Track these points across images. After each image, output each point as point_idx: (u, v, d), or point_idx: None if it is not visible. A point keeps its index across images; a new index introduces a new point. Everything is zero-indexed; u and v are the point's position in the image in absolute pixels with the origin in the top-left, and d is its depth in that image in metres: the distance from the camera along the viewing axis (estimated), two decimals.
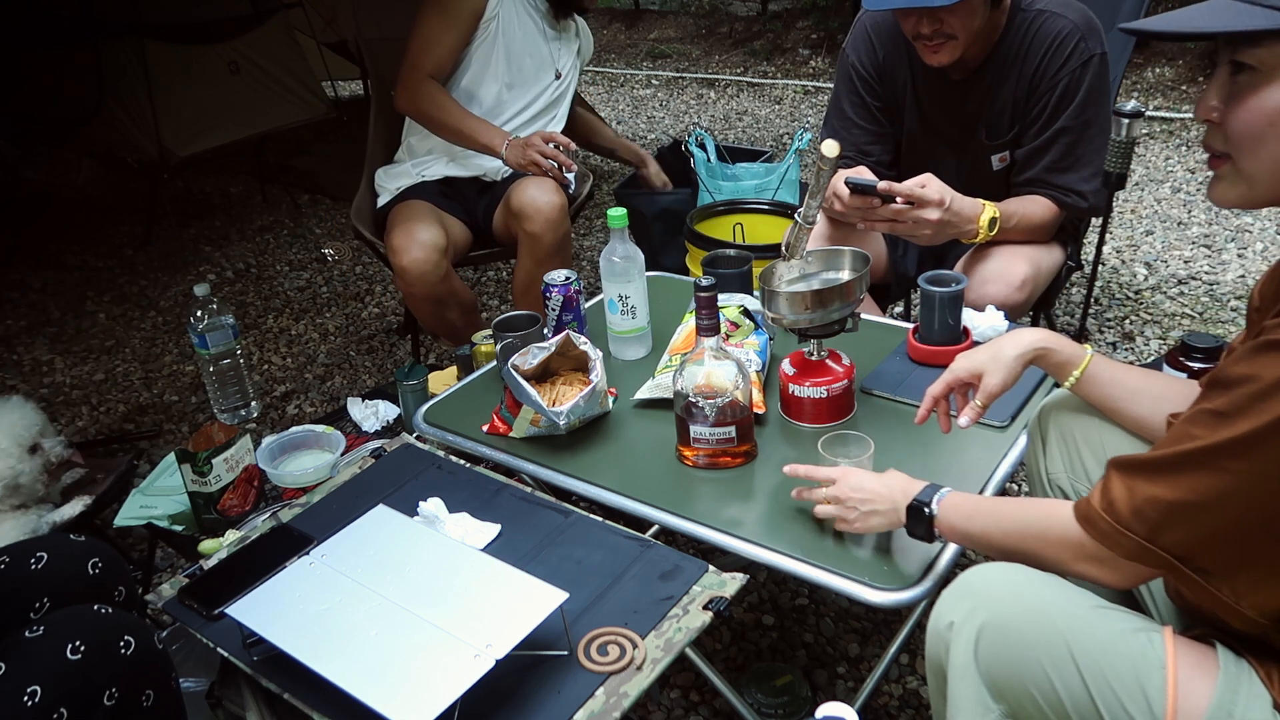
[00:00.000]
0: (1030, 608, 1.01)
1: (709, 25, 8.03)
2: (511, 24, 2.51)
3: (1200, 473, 0.89)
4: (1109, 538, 0.96)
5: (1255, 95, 0.91)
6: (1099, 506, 0.97)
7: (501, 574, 1.24)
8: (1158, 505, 0.92)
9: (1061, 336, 1.31)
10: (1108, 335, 2.86)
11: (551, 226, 2.35)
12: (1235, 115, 0.93)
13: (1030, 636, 0.99)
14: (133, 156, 4.05)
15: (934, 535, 1.19)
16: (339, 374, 3.05)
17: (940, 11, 1.74)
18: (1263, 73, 0.90)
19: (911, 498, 1.19)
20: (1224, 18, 0.90)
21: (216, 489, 1.71)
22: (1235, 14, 0.89)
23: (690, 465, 1.51)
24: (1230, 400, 0.87)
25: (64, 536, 1.32)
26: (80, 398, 3.02)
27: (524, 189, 2.37)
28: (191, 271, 3.95)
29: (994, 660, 1.01)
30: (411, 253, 2.28)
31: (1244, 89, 0.91)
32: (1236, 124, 0.93)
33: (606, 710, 1.11)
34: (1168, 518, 0.92)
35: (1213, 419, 0.88)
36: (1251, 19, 0.88)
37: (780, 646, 1.84)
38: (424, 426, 1.72)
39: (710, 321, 1.44)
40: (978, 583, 1.06)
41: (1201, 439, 0.88)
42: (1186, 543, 0.92)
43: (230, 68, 4.18)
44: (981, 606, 1.03)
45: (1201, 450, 0.88)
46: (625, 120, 5.81)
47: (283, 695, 1.19)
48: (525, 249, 2.40)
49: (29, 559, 1.24)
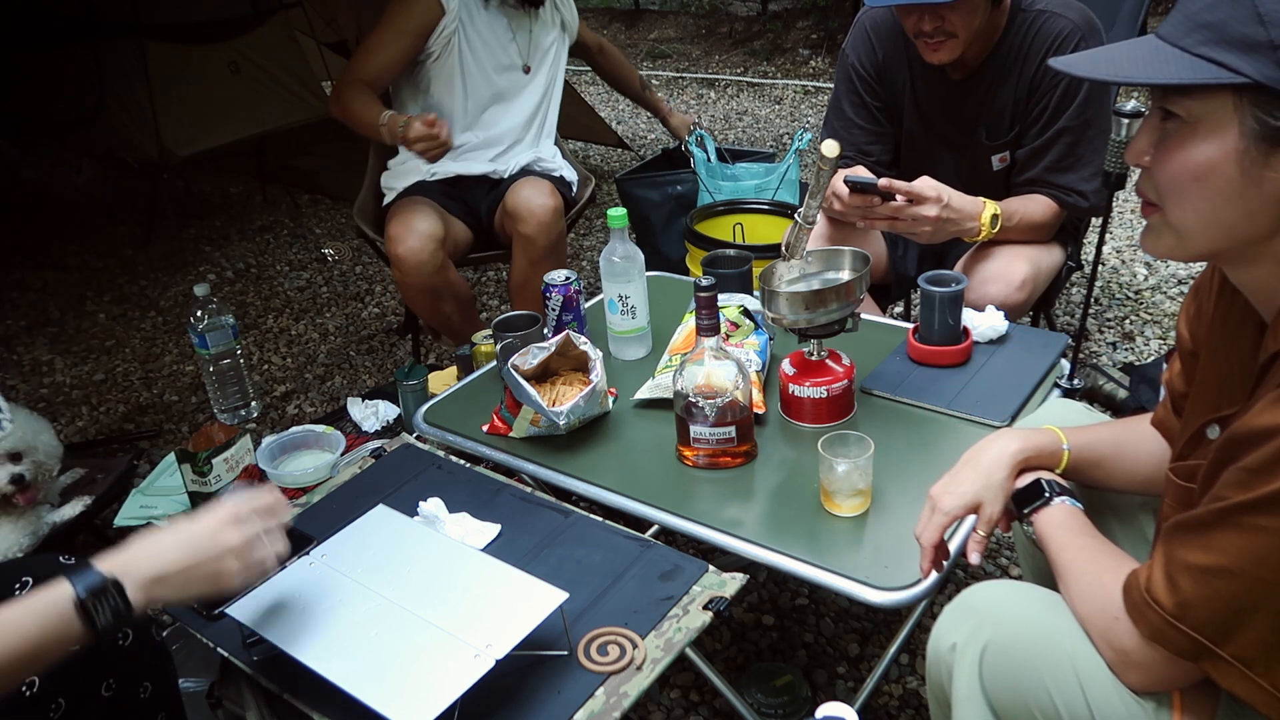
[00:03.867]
0: (1036, 627, 1.00)
1: (709, 25, 8.03)
2: (472, 34, 2.49)
3: (1234, 532, 0.82)
4: (1137, 609, 0.90)
5: (1181, 148, 0.85)
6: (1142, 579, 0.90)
7: (501, 574, 1.24)
8: (1190, 571, 0.85)
9: (1030, 432, 1.19)
10: (1108, 335, 2.86)
11: (545, 229, 2.35)
12: (1162, 165, 0.87)
13: (1036, 657, 0.98)
14: (133, 156, 4.05)
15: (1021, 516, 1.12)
16: (339, 374, 3.05)
17: (942, 9, 1.74)
18: (1190, 124, 0.84)
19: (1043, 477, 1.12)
20: (1149, 67, 0.84)
21: (216, 489, 1.71)
22: (1162, 62, 0.84)
23: (690, 465, 1.51)
24: (1261, 456, 0.81)
25: (53, 559, 1.21)
26: (80, 398, 3.02)
27: (519, 190, 2.37)
28: (191, 271, 3.95)
29: (998, 681, 0.99)
30: (407, 241, 2.29)
31: (1171, 138, 0.86)
32: (1163, 174, 0.88)
33: (606, 710, 1.11)
34: (1199, 586, 0.85)
35: (1244, 475, 0.82)
36: (1178, 70, 0.82)
37: (780, 646, 1.84)
38: (424, 426, 1.72)
39: (710, 321, 1.44)
40: (979, 603, 1.05)
41: (1232, 497, 0.83)
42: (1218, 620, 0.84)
43: (230, 68, 4.18)
44: (985, 626, 1.01)
45: (1234, 508, 0.82)
46: (625, 120, 5.81)
47: (283, 695, 1.19)
48: (520, 249, 2.41)
49: (14, 583, 1.16)
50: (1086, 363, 2.61)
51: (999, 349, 1.73)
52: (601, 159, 5.04)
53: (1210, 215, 0.86)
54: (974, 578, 1.95)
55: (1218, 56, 0.81)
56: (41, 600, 0.94)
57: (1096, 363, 2.61)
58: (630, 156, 4.90)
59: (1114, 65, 0.88)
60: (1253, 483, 0.81)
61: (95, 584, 0.96)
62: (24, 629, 0.92)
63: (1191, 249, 0.90)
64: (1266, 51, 0.79)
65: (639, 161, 3.89)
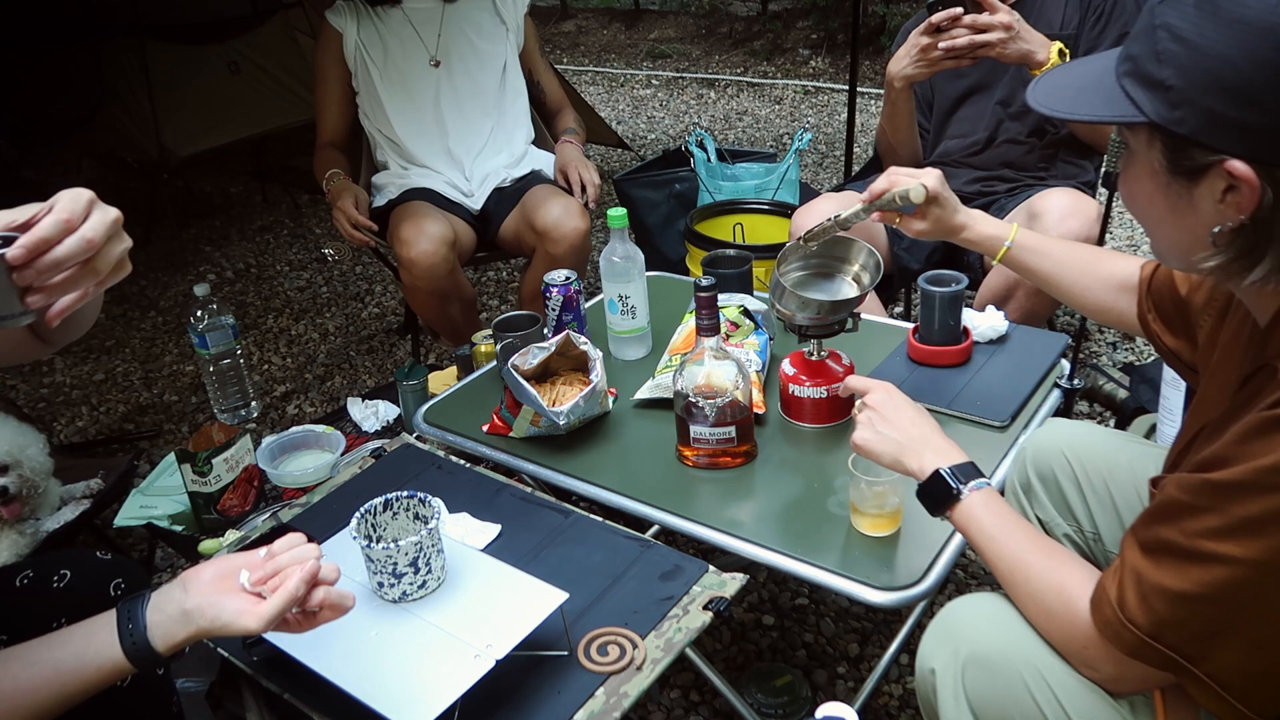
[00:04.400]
0: (1006, 641, 0.99)
1: (709, 25, 8.03)
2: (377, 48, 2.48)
3: (1208, 563, 0.81)
4: (1110, 627, 0.89)
5: (1126, 174, 0.88)
6: (1113, 596, 0.88)
7: (501, 574, 1.24)
8: (1164, 595, 0.84)
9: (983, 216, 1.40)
10: (1108, 335, 2.86)
11: (575, 251, 2.34)
12: (1124, 186, 0.90)
13: (1012, 673, 0.97)
14: (133, 156, 4.05)
15: (942, 515, 1.10)
16: (339, 374, 3.05)
17: None
18: (1136, 155, 0.85)
19: (944, 464, 1.09)
20: (1080, 97, 0.86)
21: (216, 489, 1.71)
22: (1094, 92, 0.85)
23: (690, 465, 1.51)
24: (1235, 483, 0.79)
25: (91, 554, 1.26)
26: (80, 398, 3.02)
27: (549, 209, 2.34)
28: (191, 271, 3.95)
29: (983, 700, 0.99)
30: (420, 245, 2.26)
31: (1126, 164, 0.88)
32: (1124, 195, 0.91)
33: (606, 710, 1.11)
34: (1174, 610, 0.84)
35: (1218, 500, 0.81)
36: (1093, 106, 0.85)
37: (780, 646, 1.84)
38: (424, 426, 1.72)
39: (710, 321, 1.43)
40: (954, 622, 1.04)
41: (1206, 523, 0.81)
42: (1194, 641, 0.83)
43: (230, 68, 4.18)
44: (963, 644, 1.01)
45: (1208, 534, 0.80)
46: (625, 120, 5.81)
47: (283, 695, 1.19)
48: (542, 264, 2.37)
49: (52, 576, 1.19)
50: (1086, 363, 2.61)
51: (999, 349, 1.73)
52: (601, 159, 5.04)
53: (1167, 239, 0.88)
54: (974, 578, 1.96)
55: (1131, 91, 0.82)
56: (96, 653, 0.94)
57: (1096, 363, 2.61)
58: (630, 156, 4.90)
59: (1058, 96, 0.89)
60: (1227, 509, 0.79)
61: None
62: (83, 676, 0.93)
63: (1176, 266, 0.91)
64: (1161, 91, 0.79)
65: (639, 162, 3.90)
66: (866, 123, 5.09)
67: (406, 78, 2.50)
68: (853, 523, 1.33)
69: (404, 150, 2.55)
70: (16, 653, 0.94)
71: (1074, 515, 1.29)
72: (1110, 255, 1.33)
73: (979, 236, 1.41)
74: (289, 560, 0.96)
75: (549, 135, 2.76)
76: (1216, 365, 0.99)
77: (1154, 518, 0.87)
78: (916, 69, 1.96)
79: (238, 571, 0.96)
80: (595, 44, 8.22)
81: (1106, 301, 1.30)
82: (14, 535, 1.72)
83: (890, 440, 1.15)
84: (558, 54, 7.93)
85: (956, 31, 1.87)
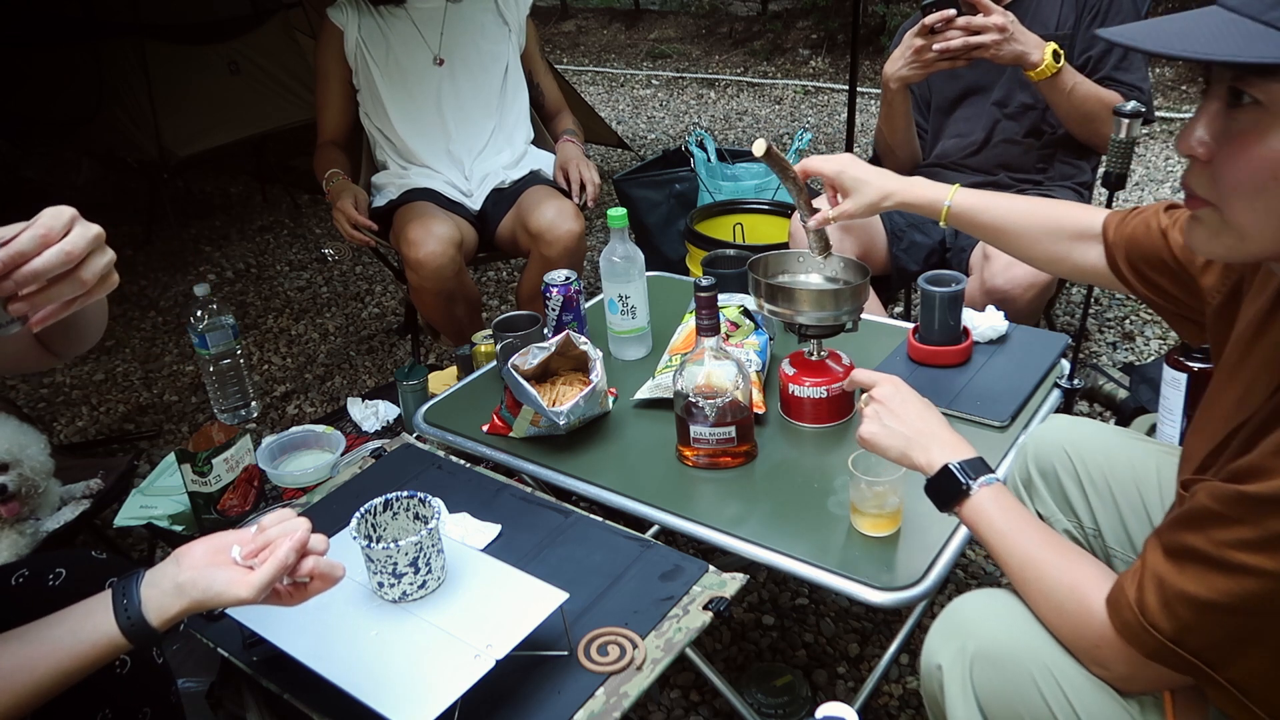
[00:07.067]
0: (1014, 638, 0.98)
1: (709, 25, 8.03)
2: (378, 45, 2.47)
3: (1235, 573, 0.79)
4: (1130, 629, 0.87)
5: (1260, 138, 0.73)
6: (1133, 598, 0.86)
7: (502, 574, 1.24)
8: (1188, 602, 0.82)
9: (919, 181, 1.42)
10: (1108, 335, 2.86)
11: (569, 253, 2.34)
12: (1232, 159, 0.76)
13: (1020, 669, 0.96)
14: (133, 156, 4.05)
15: (950, 510, 1.08)
16: (339, 374, 3.05)
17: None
18: (1272, 112, 0.72)
19: (953, 460, 1.06)
20: (1232, 43, 0.72)
21: (216, 489, 1.71)
22: (1246, 39, 0.71)
23: (690, 465, 1.51)
24: (1265, 495, 0.77)
25: (86, 553, 1.27)
26: (80, 398, 3.02)
27: (544, 211, 2.34)
28: (191, 271, 3.95)
29: (990, 695, 0.98)
30: (428, 245, 2.25)
31: (1245, 128, 0.74)
32: (1232, 170, 0.76)
33: (606, 710, 1.11)
34: (1198, 617, 0.82)
35: (1246, 512, 0.78)
36: (1267, 47, 0.70)
37: (780, 646, 1.84)
38: (424, 426, 1.72)
39: (710, 321, 1.43)
40: (961, 618, 1.04)
41: (1234, 534, 0.79)
42: (1218, 648, 0.82)
43: (230, 68, 4.18)
44: (970, 639, 1.00)
45: (1236, 546, 0.78)
46: (625, 120, 5.81)
47: (283, 695, 1.19)
48: (536, 266, 2.37)
49: (47, 575, 1.20)
50: (1086, 363, 2.61)
51: (999, 349, 1.73)
52: (601, 159, 5.04)
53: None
54: (974, 577, 1.95)
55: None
56: (92, 630, 0.95)
57: (1096, 363, 2.61)
58: (630, 156, 4.90)
59: (1184, 39, 0.75)
60: (1260, 523, 0.77)
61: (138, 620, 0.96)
62: (79, 653, 0.94)
63: (1254, 251, 0.80)
64: None
65: (639, 162, 3.90)
66: (866, 123, 5.09)
67: (408, 76, 2.50)
68: (853, 523, 1.33)
69: (404, 149, 2.54)
70: (15, 632, 0.95)
71: (1074, 511, 1.29)
72: (1063, 205, 1.31)
73: (915, 199, 1.42)
74: (279, 533, 0.99)
75: (548, 135, 2.76)
76: (1256, 362, 0.92)
77: (1181, 524, 0.85)
78: (911, 70, 1.96)
79: (229, 547, 0.98)
80: (595, 44, 8.22)
81: (1059, 251, 1.28)
82: (14, 535, 1.72)
83: (897, 434, 1.14)
84: (558, 54, 7.93)
85: (950, 33, 1.87)
